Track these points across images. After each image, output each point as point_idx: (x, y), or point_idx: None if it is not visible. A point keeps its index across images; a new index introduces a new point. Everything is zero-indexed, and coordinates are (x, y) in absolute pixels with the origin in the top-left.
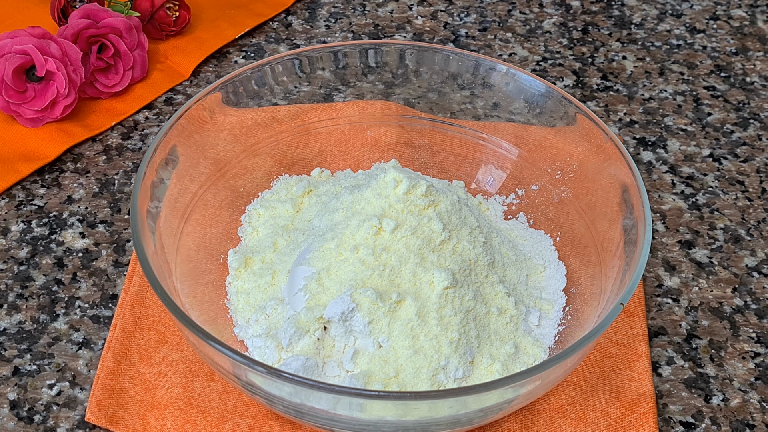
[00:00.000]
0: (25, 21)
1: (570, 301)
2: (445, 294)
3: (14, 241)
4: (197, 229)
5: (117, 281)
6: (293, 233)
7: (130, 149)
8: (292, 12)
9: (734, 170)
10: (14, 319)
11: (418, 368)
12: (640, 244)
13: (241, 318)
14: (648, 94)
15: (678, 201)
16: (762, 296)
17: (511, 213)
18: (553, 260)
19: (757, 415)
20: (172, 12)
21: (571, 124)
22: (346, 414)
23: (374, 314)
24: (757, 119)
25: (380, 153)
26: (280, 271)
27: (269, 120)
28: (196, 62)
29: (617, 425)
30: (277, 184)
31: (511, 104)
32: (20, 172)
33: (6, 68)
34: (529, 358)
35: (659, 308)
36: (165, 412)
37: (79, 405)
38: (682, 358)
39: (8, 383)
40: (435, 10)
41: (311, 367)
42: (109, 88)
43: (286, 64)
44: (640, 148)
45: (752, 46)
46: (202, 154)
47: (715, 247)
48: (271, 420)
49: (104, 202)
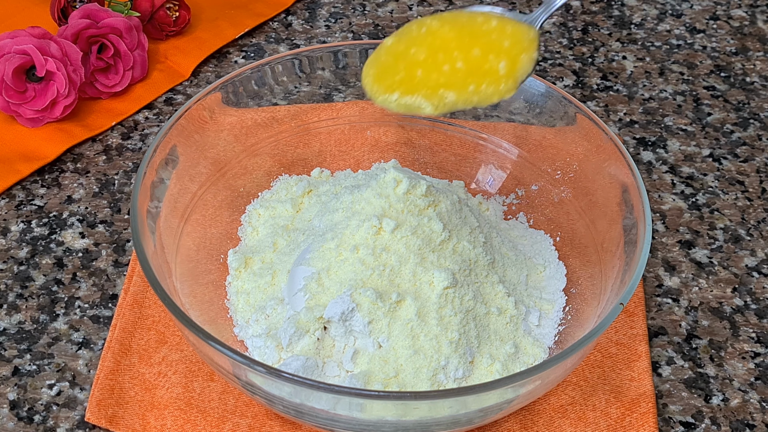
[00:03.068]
0: (25, 21)
1: (570, 301)
2: (445, 294)
3: (14, 241)
4: (197, 229)
5: (117, 281)
6: (293, 233)
7: (130, 149)
8: (292, 12)
9: (734, 170)
10: (14, 319)
11: (418, 368)
12: (640, 244)
13: (241, 318)
14: (648, 94)
15: (678, 201)
16: (762, 296)
17: (511, 213)
18: (553, 260)
19: (757, 415)
20: (172, 12)
21: (571, 124)
22: (346, 414)
23: (374, 314)
24: (757, 119)
25: (380, 153)
26: (280, 271)
27: (269, 120)
28: (196, 62)
29: (617, 425)
30: (277, 184)
31: (511, 104)
32: (20, 172)
33: (6, 68)
34: (529, 358)
35: (659, 308)
36: (165, 412)
37: (79, 405)
38: (682, 358)
39: (8, 383)
40: (435, 10)
41: (311, 367)
42: (109, 88)
43: (286, 64)
44: (640, 148)
45: (752, 46)
46: (202, 154)
47: (715, 247)
48: (271, 420)
49: (104, 202)
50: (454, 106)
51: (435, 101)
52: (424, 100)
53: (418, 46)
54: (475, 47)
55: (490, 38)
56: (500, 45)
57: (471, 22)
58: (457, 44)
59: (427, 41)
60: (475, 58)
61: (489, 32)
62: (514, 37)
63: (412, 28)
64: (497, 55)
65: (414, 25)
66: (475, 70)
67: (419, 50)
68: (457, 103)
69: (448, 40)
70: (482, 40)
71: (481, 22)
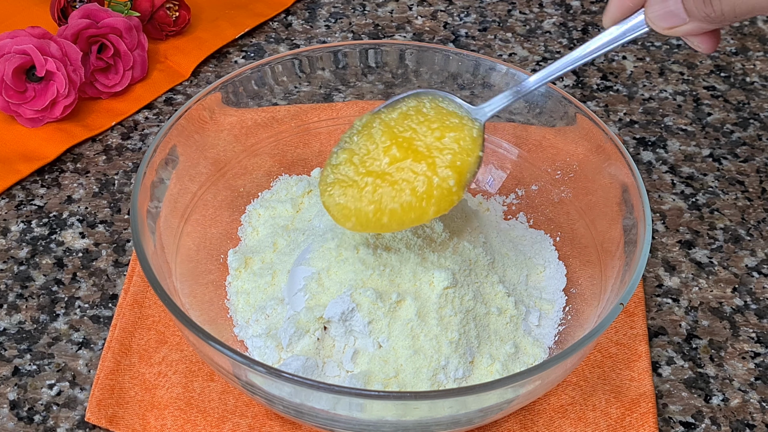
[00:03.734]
0: (25, 21)
1: (570, 301)
2: (445, 294)
3: (14, 241)
4: (197, 229)
5: (117, 281)
6: (293, 233)
7: (130, 149)
8: (292, 12)
9: (734, 170)
10: (14, 319)
11: (418, 368)
12: (640, 244)
13: (241, 318)
14: (648, 94)
15: (678, 201)
16: (762, 296)
17: (511, 213)
18: (553, 260)
19: (757, 415)
20: (172, 12)
21: (571, 124)
22: (346, 414)
23: (374, 314)
24: (757, 119)
25: None
26: (280, 271)
27: (269, 120)
28: (196, 62)
29: (617, 425)
30: (277, 184)
31: (511, 104)
32: (20, 172)
33: (6, 68)
34: (529, 358)
35: (659, 308)
36: (165, 412)
37: (79, 405)
38: (682, 358)
39: (8, 383)
40: (435, 10)
41: (311, 367)
42: (109, 88)
43: (286, 64)
44: (640, 148)
45: (752, 46)
46: (202, 154)
47: (715, 247)
48: (271, 420)
49: (104, 202)
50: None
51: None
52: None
53: (366, 174)
54: (420, 163)
55: (433, 149)
56: (444, 157)
57: (413, 133)
58: (406, 167)
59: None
60: (422, 183)
61: (431, 145)
62: (458, 141)
63: (355, 140)
64: (444, 171)
65: (358, 137)
66: (426, 196)
67: (367, 177)
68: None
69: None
70: (426, 155)
71: (424, 131)
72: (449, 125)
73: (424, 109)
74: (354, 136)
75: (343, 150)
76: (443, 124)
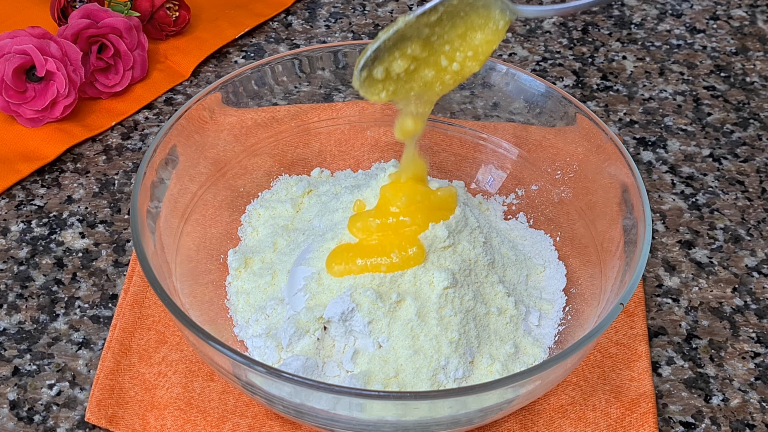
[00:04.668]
0: (25, 21)
1: (570, 301)
2: (445, 294)
3: (14, 241)
4: (197, 229)
5: (117, 281)
6: (293, 233)
7: (130, 149)
8: (292, 12)
9: (734, 170)
10: (14, 319)
11: (418, 368)
12: (640, 244)
13: (241, 318)
14: (648, 94)
15: (678, 201)
16: (762, 296)
17: (511, 213)
18: (553, 260)
19: (757, 415)
20: (172, 12)
21: (571, 124)
22: (346, 414)
23: (374, 314)
24: (757, 119)
25: (380, 153)
26: (280, 271)
27: (269, 120)
28: (196, 62)
29: (617, 425)
30: (277, 184)
31: (511, 104)
32: (20, 172)
33: (6, 68)
34: (529, 358)
35: (659, 308)
36: (165, 412)
37: (79, 405)
38: (682, 358)
39: (8, 383)
40: None
41: (311, 367)
42: (109, 88)
43: (286, 64)
44: (640, 148)
45: (752, 46)
46: (202, 154)
47: (715, 247)
48: (271, 420)
49: (104, 202)
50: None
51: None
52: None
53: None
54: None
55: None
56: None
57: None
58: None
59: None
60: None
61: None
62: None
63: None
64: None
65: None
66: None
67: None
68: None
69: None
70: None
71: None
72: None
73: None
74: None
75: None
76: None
